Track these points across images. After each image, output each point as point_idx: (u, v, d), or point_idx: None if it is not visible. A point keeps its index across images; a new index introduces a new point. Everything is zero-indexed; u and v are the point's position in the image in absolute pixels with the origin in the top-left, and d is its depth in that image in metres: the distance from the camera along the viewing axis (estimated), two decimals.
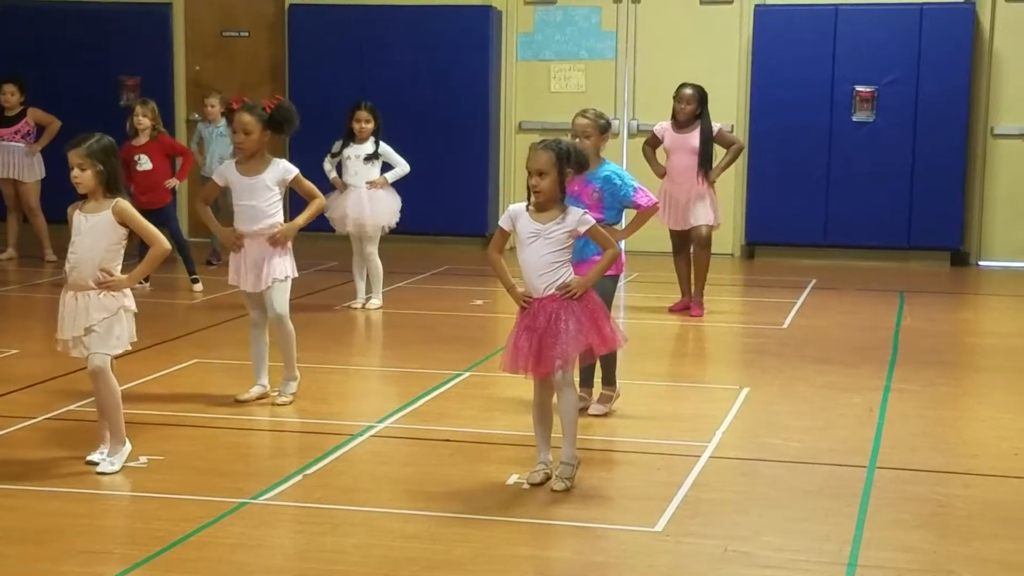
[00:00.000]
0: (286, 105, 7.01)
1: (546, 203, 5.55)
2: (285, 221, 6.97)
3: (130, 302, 5.81)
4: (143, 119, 10.46)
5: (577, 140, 6.71)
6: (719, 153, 10.04)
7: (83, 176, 5.68)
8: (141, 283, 9.72)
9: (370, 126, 9.85)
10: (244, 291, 7.01)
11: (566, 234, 5.53)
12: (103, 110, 13.33)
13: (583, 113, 6.91)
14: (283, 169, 6.91)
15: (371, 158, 9.87)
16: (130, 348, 5.88)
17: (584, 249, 6.17)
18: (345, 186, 9.87)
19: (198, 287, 10.72)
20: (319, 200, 7.12)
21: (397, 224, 10.13)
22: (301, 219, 6.99)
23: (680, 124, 9.87)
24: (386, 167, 10.00)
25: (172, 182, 10.49)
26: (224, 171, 7.03)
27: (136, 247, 6.19)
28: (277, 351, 7.09)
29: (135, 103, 10.84)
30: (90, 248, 5.69)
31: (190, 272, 10.75)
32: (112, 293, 5.71)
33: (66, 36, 14.43)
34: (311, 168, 9.57)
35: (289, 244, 6.99)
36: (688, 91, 9.85)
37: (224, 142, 11.75)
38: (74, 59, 14.32)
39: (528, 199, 5.62)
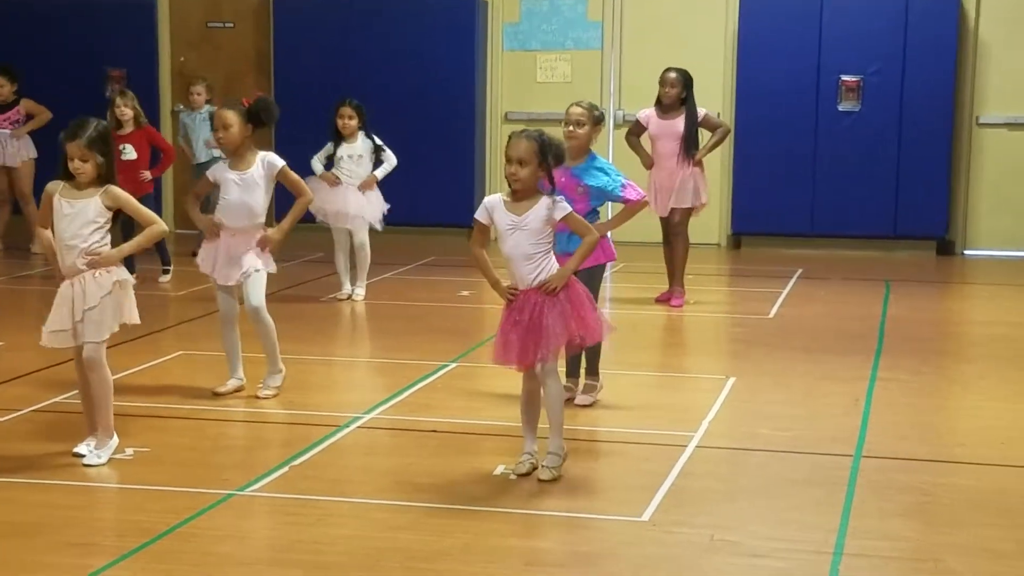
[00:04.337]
0: (263, 98, 7.07)
1: (524, 192, 5.53)
2: (269, 218, 6.97)
3: (124, 274, 5.79)
4: (126, 110, 10.41)
5: (569, 128, 6.69)
6: (705, 139, 10.04)
7: (85, 167, 5.66)
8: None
9: (354, 122, 9.86)
10: (217, 284, 6.99)
11: (543, 223, 5.52)
12: (89, 102, 13.20)
13: (577, 103, 6.87)
14: (269, 163, 6.88)
15: (375, 154, 9.90)
16: (138, 321, 5.86)
17: (570, 241, 6.16)
18: (338, 180, 9.87)
19: (165, 278, 10.71)
20: (305, 198, 7.01)
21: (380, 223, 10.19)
22: (287, 224, 6.93)
23: (665, 109, 9.85)
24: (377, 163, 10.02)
25: (146, 175, 10.40)
26: (215, 170, 7.02)
27: (120, 238, 6.16)
28: (257, 344, 7.07)
29: (114, 94, 10.79)
30: (75, 235, 5.67)
31: (163, 262, 10.74)
32: (105, 270, 5.69)
33: (51, 28, 14.38)
34: (297, 159, 9.56)
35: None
36: (673, 75, 9.83)
37: (208, 126, 11.73)
38: (60, 51, 14.27)
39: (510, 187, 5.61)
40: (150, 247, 6.60)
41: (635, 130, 10.04)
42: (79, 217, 5.68)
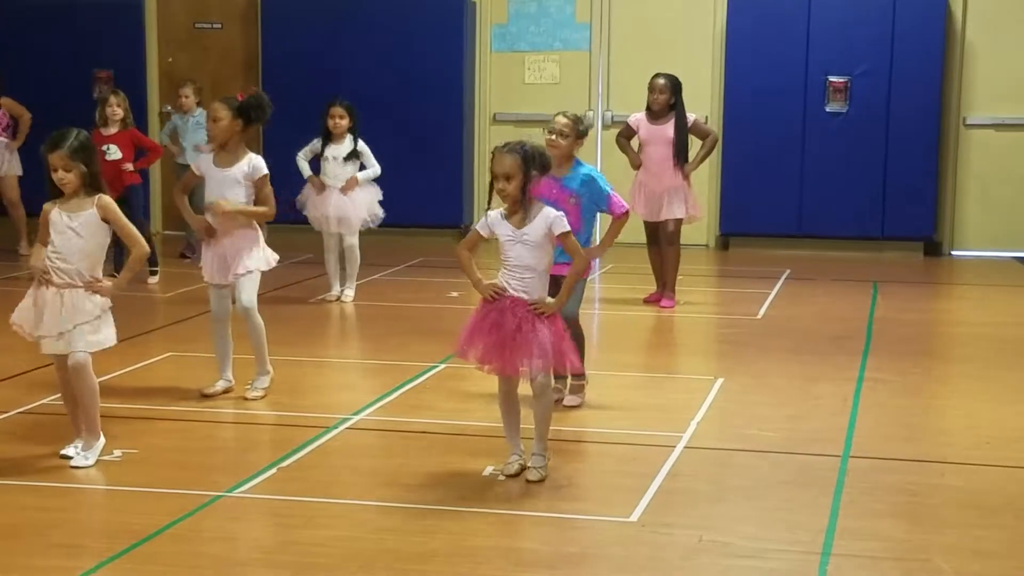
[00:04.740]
0: (257, 94, 7.02)
1: (515, 206, 5.54)
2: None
3: (107, 302, 5.79)
4: (118, 109, 10.40)
5: (552, 137, 6.71)
6: (694, 144, 10.07)
7: (68, 177, 5.64)
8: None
9: (344, 122, 9.83)
10: (209, 283, 6.98)
11: (543, 236, 5.51)
12: (76, 104, 13.25)
13: (564, 113, 6.89)
14: (254, 166, 6.87)
15: (350, 157, 9.87)
16: (115, 343, 5.86)
17: (561, 254, 6.15)
18: (324, 186, 9.87)
19: (153, 279, 10.71)
20: (268, 209, 6.93)
21: (382, 216, 10.14)
22: (243, 207, 6.84)
23: (655, 115, 9.88)
24: (361, 168, 10.00)
25: (128, 166, 10.39)
26: (200, 161, 7.05)
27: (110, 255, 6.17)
28: (248, 346, 7.06)
29: (107, 93, 10.77)
30: (79, 249, 5.65)
31: (150, 263, 10.72)
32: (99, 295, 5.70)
33: (38, 29, 14.35)
34: (284, 161, 9.58)
35: (260, 239, 6.94)
36: (661, 81, 9.86)
37: (199, 131, 11.71)
38: (46, 52, 14.24)
39: (489, 202, 5.60)
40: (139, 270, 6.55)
41: (626, 133, 10.07)
42: (83, 230, 5.64)
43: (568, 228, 5.58)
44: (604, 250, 6.99)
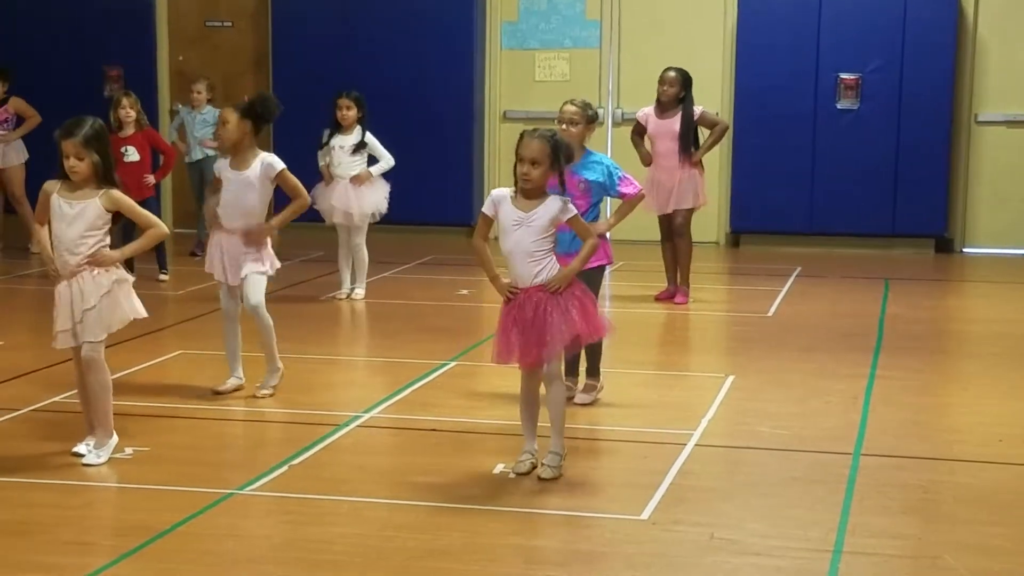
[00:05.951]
0: (264, 95, 7.05)
1: (534, 191, 5.52)
2: (267, 219, 6.97)
3: (122, 273, 5.76)
4: (131, 111, 10.37)
5: (563, 127, 6.70)
6: (704, 137, 10.06)
7: (80, 166, 5.62)
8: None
9: (352, 113, 9.83)
10: (219, 282, 6.99)
11: (549, 221, 5.50)
12: (86, 101, 13.23)
13: (571, 101, 6.88)
14: (267, 164, 6.86)
15: (358, 149, 9.87)
16: (145, 314, 5.84)
17: (572, 242, 6.14)
18: (332, 177, 9.87)
19: (163, 277, 10.72)
20: (301, 200, 7.00)
21: (386, 212, 10.13)
22: (277, 220, 6.95)
23: (663, 108, 9.89)
24: (372, 160, 9.99)
25: (150, 179, 10.39)
26: (217, 165, 7.07)
27: (119, 238, 6.15)
28: (257, 342, 7.06)
29: (119, 95, 10.73)
30: (76, 237, 5.64)
31: (160, 265, 10.72)
32: (103, 269, 5.68)
33: (49, 26, 14.37)
34: (296, 158, 9.56)
35: (268, 242, 6.94)
36: (671, 74, 9.88)
37: (205, 128, 11.73)
38: (57, 50, 14.26)
39: (515, 185, 5.58)
40: (150, 249, 6.58)
41: (637, 129, 10.09)
42: (80, 220, 5.64)
43: (575, 211, 5.57)
44: (612, 225, 6.89)
